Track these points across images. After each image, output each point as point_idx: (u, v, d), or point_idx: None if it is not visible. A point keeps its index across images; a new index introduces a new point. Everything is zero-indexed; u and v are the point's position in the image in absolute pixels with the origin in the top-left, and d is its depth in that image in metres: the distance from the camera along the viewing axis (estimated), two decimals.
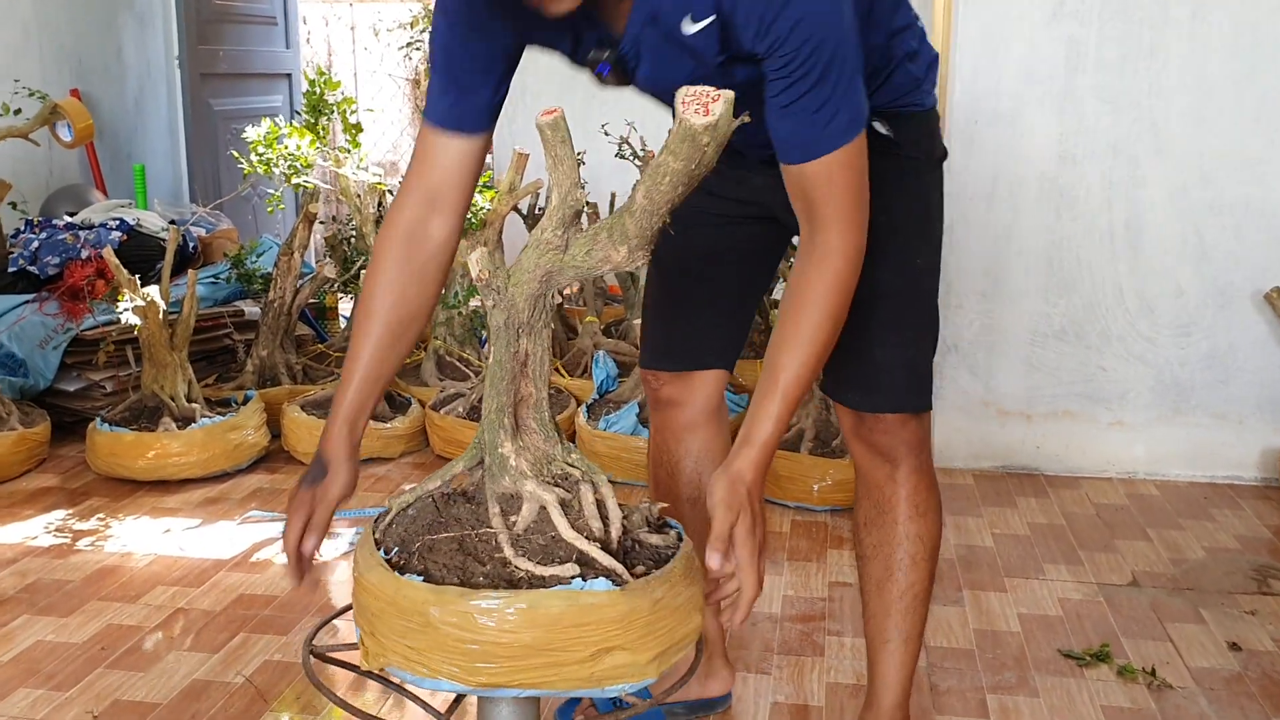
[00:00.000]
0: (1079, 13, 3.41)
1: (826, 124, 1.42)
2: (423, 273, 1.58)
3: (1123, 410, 3.62)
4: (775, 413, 1.45)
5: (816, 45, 1.38)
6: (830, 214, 1.46)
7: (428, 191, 1.56)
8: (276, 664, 2.44)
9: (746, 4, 1.38)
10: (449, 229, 1.58)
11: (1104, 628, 2.63)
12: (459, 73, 1.53)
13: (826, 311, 1.46)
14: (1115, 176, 3.49)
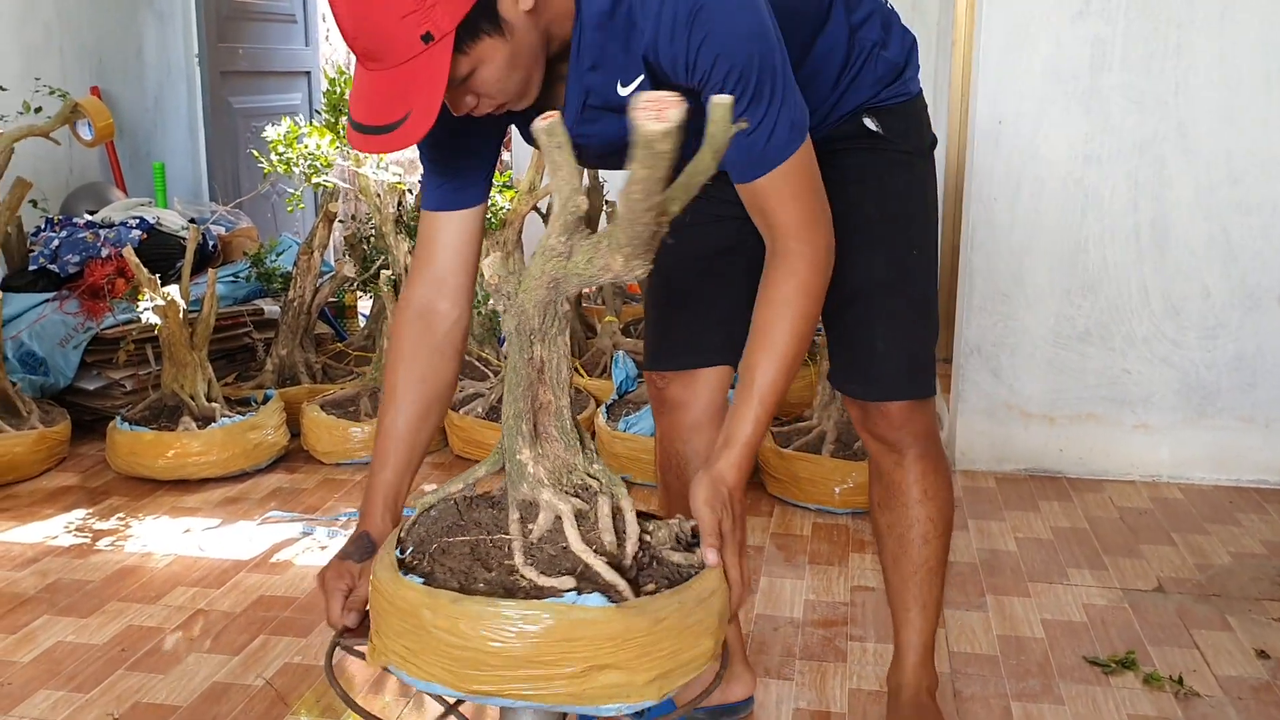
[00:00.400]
0: (1105, 11, 3.38)
1: (766, 141, 1.45)
2: (440, 350, 1.64)
3: (1147, 413, 3.58)
4: (754, 415, 1.48)
5: (741, 70, 1.40)
6: (787, 222, 1.50)
7: (434, 274, 1.63)
8: (296, 666, 2.43)
9: (666, 50, 1.41)
10: (459, 307, 1.64)
11: (1129, 634, 2.60)
12: (448, 163, 1.59)
13: (795, 316, 1.50)
14: (1141, 176, 3.46)
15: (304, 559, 3.00)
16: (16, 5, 4.65)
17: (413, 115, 1.33)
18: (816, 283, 1.51)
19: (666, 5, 1.40)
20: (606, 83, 1.48)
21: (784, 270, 1.50)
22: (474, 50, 1.36)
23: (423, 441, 1.66)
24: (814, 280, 1.51)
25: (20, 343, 3.87)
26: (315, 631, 2.59)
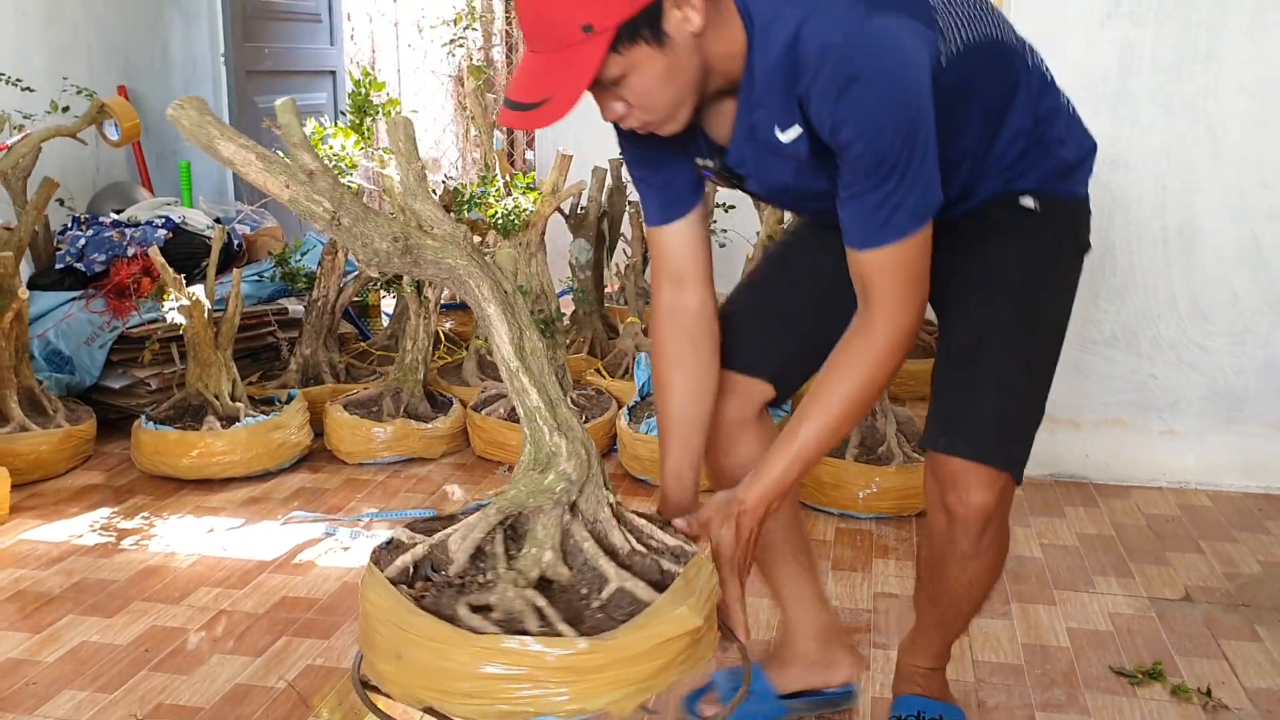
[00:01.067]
0: (1134, 14, 3.34)
1: (885, 220, 1.50)
2: (693, 337, 1.77)
3: (1174, 419, 3.55)
4: (788, 461, 1.58)
5: (879, 152, 1.46)
6: (882, 298, 1.56)
7: (671, 275, 1.76)
8: (319, 669, 2.44)
9: (816, 110, 1.47)
10: (700, 297, 1.77)
11: (1156, 644, 2.57)
12: (652, 180, 1.72)
13: (857, 385, 1.57)
14: (1169, 181, 3.42)
15: (326, 560, 3.00)
16: (43, 5, 4.68)
17: (554, 100, 1.38)
18: (889, 363, 1.57)
19: (825, 67, 1.44)
20: (767, 124, 1.54)
21: (863, 340, 1.57)
22: (629, 54, 1.40)
23: (695, 417, 1.77)
24: (887, 360, 1.57)
25: (47, 341, 3.89)
26: (337, 633, 2.59)
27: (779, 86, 1.50)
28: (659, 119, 1.50)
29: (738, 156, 1.60)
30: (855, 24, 1.44)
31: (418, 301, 3.79)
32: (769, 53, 1.48)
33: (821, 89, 1.45)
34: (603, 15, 1.36)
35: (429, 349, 3.88)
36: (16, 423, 3.50)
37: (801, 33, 1.46)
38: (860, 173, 1.48)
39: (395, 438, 3.72)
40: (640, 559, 1.42)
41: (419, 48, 7.79)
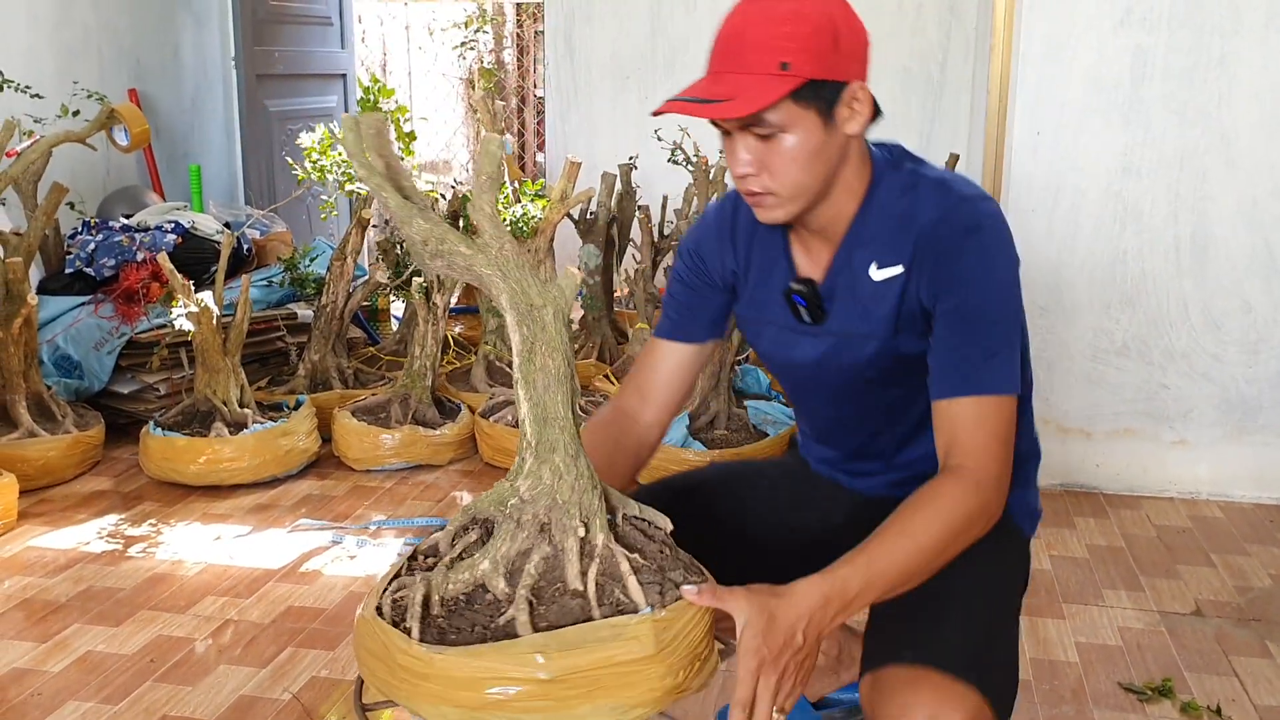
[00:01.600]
0: (1147, 21, 3.32)
1: (983, 363, 1.49)
2: (625, 449, 1.69)
3: (1186, 429, 3.53)
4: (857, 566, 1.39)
5: (987, 300, 1.49)
6: (974, 448, 1.48)
7: (640, 387, 1.74)
8: (323, 680, 2.43)
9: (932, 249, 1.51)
10: (653, 419, 1.72)
11: (1166, 660, 2.55)
12: (682, 300, 1.74)
13: (944, 523, 1.43)
14: (1182, 189, 3.40)
15: (333, 569, 3.00)
16: (54, 8, 4.69)
17: (736, 100, 1.42)
18: (975, 507, 1.45)
19: (951, 214, 1.51)
20: (865, 261, 1.57)
21: (950, 480, 1.46)
22: (801, 111, 1.45)
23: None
24: (974, 503, 1.44)
25: (56, 346, 3.90)
26: (343, 644, 2.59)
27: (892, 226, 1.55)
28: (780, 191, 1.51)
29: (830, 285, 1.60)
30: (977, 192, 1.55)
31: (426, 307, 3.78)
32: (889, 192, 1.56)
33: (947, 229, 1.51)
34: (801, 62, 1.43)
35: (437, 355, 3.88)
36: (25, 428, 3.51)
37: (924, 182, 1.55)
38: (964, 317, 1.50)
39: (403, 444, 3.72)
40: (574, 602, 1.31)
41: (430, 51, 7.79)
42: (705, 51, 1.54)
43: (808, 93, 1.45)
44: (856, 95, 1.49)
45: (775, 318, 1.68)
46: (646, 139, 4.21)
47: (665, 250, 4.41)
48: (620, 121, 4.95)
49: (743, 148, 1.49)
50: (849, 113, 1.49)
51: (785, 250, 1.66)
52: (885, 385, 1.63)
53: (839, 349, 1.62)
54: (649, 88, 5.04)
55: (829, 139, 1.49)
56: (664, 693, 1.27)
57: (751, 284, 1.70)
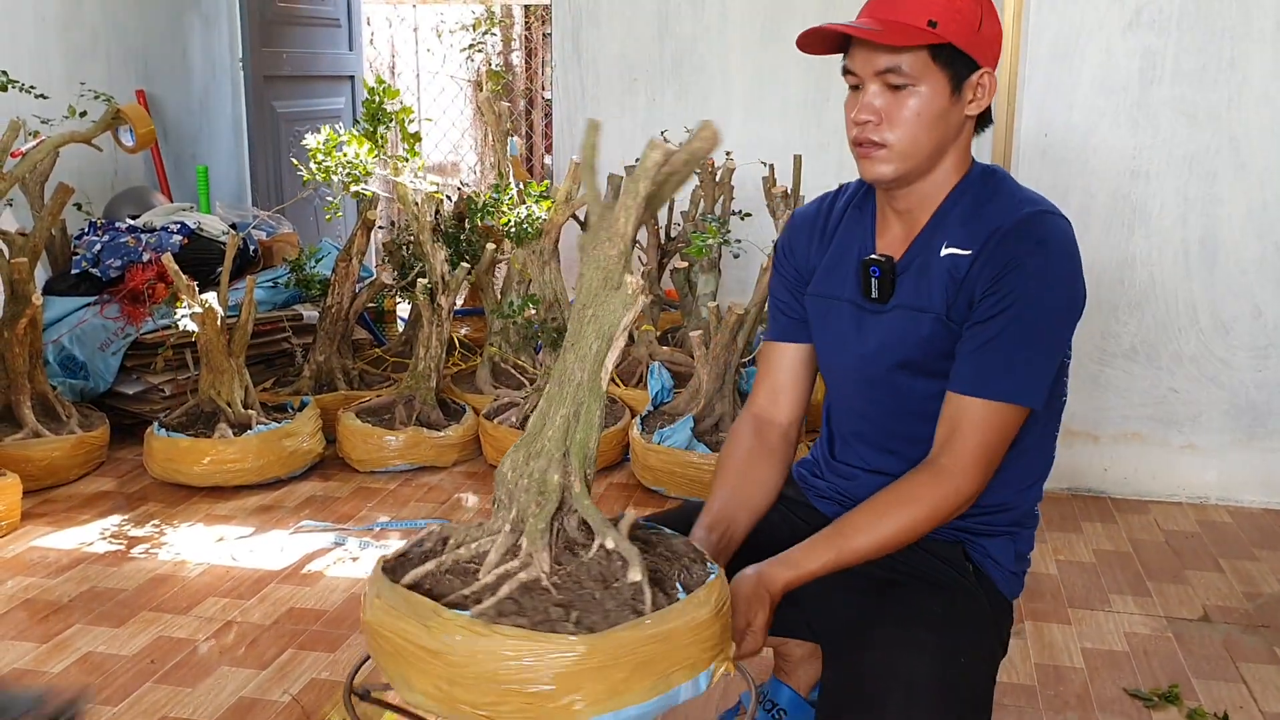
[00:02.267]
0: (1156, 22, 3.30)
1: (1002, 371, 1.52)
2: (771, 451, 1.78)
3: (1195, 433, 3.50)
4: (824, 559, 1.52)
5: (1031, 311, 1.51)
6: (962, 450, 1.54)
7: (771, 388, 1.81)
8: (323, 683, 2.42)
9: (1000, 248, 1.53)
10: (790, 415, 1.80)
11: (1173, 666, 2.53)
12: (790, 309, 1.80)
13: (911, 520, 1.53)
14: (1191, 192, 3.38)
15: (335, 570, 2.99)
16: (62, 8, 4.69)
17: (885, 32, 1.51)
18: (946, 510, 1.54)
19: (1026, 223, 1.54)
20: (940, 241, 1.61)
21: (930, 480, 1.54)
22: (934, 71, 1.53)
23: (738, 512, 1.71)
24: (945, 508, 1.54)
25: (61, 346, 3.90)
26: (343, 646, 2.58)
27: (973, 220, 1.59)
28: (895, 145, 1.56)
29: (905, 263, 1.64)
30: (1059, 211, 1.60)
31: (431, 309, 3.77)
32: (979, 192, 1.61)
33: (1018, 235, 1.54)
34: (948, 26, 1.51)
35: (442, 356, 3.87)
36: (30, 428, 3.50)
37: (1013, 190, 1.61)
38: (1003, 321, 1.52)
39: (407, 446, 3.71)
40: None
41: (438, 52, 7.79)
42: (713, 54, 1.57)
43: (946, 55, 1.53)
44: (984, 81, 1.57)
45: (843, 293, 1.70)
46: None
47: (672, 253, 4.39)
48: (628, 124, 4.94)
49: (871, 95, 1.55)
50: (973, 95, 1.57)
51: (870, 230, 1.70)
52: (929, 375, 1.62)
53: (899, 326, 1.63)
54: (656, 90, 5.02)
55: (951, 110, 1.56)
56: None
57: (828, 262, 1.73)
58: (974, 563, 1.68)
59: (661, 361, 3.99)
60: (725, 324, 3.49)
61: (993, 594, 1.67)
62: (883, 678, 1.44)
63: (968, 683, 1.49)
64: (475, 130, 7.78)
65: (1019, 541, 1.72)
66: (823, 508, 1.80)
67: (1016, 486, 1.68)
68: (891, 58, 1.52)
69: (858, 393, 1.73)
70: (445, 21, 7.64)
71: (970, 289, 1.56)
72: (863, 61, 1.55)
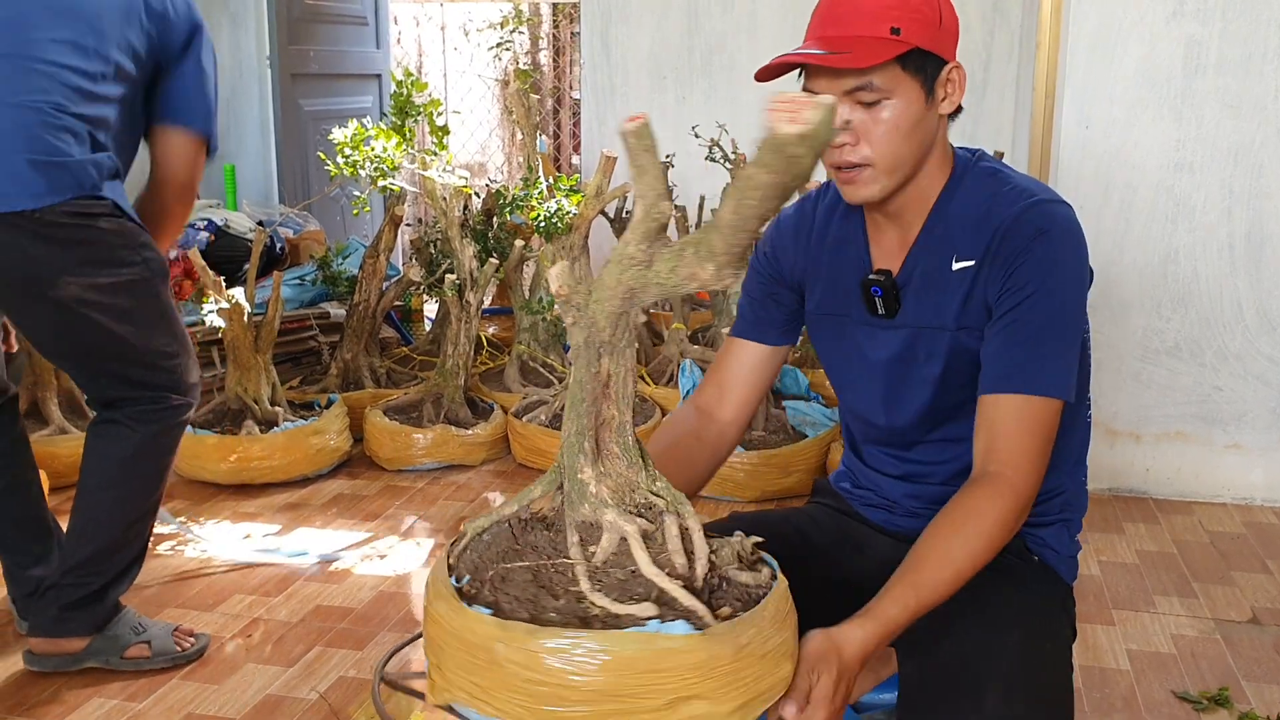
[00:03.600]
0: (1200, 11, 3.22)
1: (1037, 366, 1.46)
2: (705, 443, 1.69)
3: (1240, 432, 3.41)
4: (905, 604, 1.38)
5: (1048, 300, 1.46)
6: (1012, 452, 1.45)
7: (720, 384, 1.73)
8: (351, 680, 2.38)
9: (1006, 245, 1.49)
10: (732, 417, 1.71)
11: (1222, 668, 2.45)
12: (757, 301, 1.73)
13: (983, 539, 1.42)
14: (1236, 185, 3.29)
15: (363, 568, 2.95)
16: None
17: (853, 54, 1.44)
18: (1013, 519, 1.44)
19: (1027, 214, 1.49)
20: (946, 252, 1.55)
21: (989, 492, 1.44)
22: (905, 79, 1.47)
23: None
24: (1014, 521, 1.44)
25: None
26: (371, 644, 2.53)
27: (970, 220, 1.54)
28: (878, 162, 1.50)
29: (905, 277, 1.59)
30: (1054, 196, 1.54)
31: (459, 306, 3.73)
32: (970, 187, 1.56)
33: (1018, 229, 1.49)
34: (911, 30, 1.45)
35: (470, 354, 3.83)
36: (56, 425, 3.48)
37: (1004, 181, 1.56)
38: (1021, 315, 1.47)
39: (435, 444, 3.67)
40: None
41: (466, 51, 7.78)
42: (742, 50, 1.50)
43: (915, 61, 1.47)
44: (952, 76, 1.51)
45: (850, 312, 1.65)
46: (683, 138, 4.15)
47: None
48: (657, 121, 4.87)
49: (841, 114, 1.48)
50: (944, 92, 1.51)
51: (863, 243, 1.64)
52: (951, 388, 1.58)
53: (914, 343, 1.59)
54: (686, 87, 4.98)
55: (927, 114, 1.50)
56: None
57: (824, 280, 1.67)
58: (1034, 553, 1.63)
59: (692, 359, 3.94)
60: None
61: (1056, 581, 1.63)
62: (975, 671, 1.40)
63: (1053, 669, 1.47)
64: (502, 129, 7.75)
65: (1071, 526, 1.67)
66: (870, 515, 1.74)
67: (1064, 468, 1.63)
68: (859, 77, 1.46)
69: (878, 399, 1.66)
70: (473, 20, 7.62)
71: (979, 300, 1.52)
72: (827, 84, 1.48)
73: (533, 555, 1.35)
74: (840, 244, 1.66)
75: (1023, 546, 1.62)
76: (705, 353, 4.09)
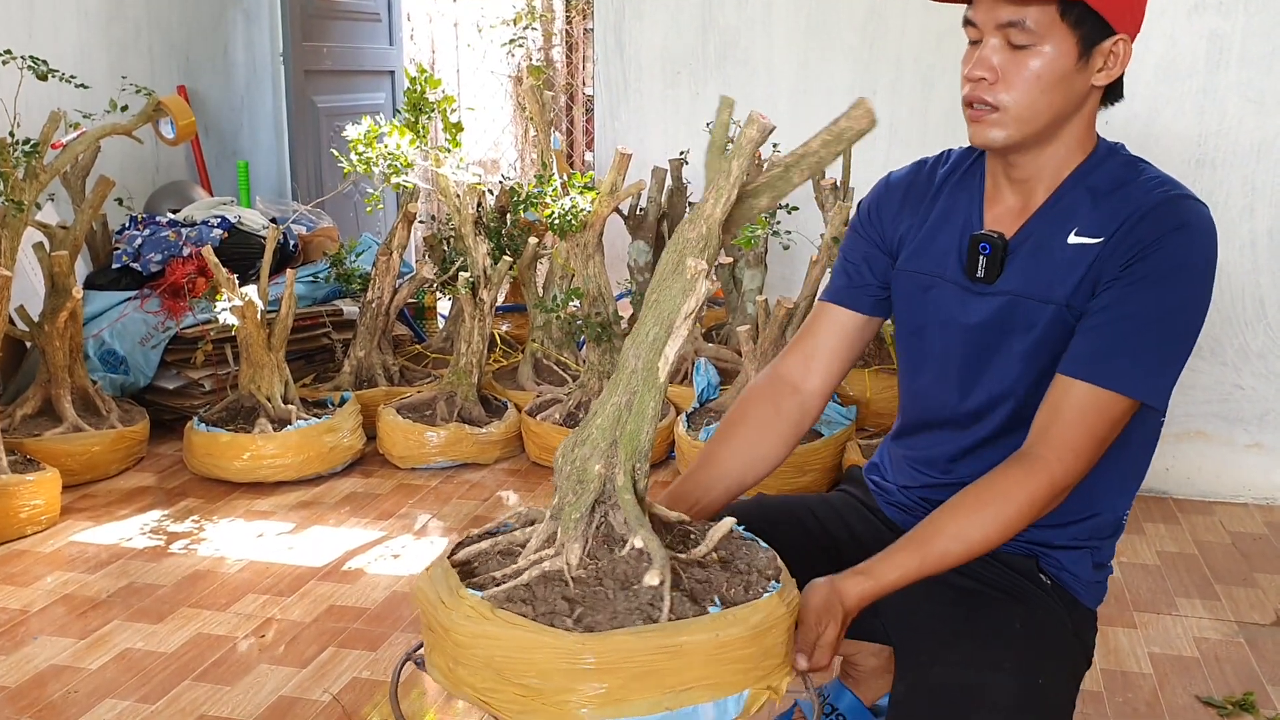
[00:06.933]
0: (1223, 5, 3.18)
1: (1124, 355, 1.39)
2: (784, 414, 1.63)
3: (1262, 432, 3.37)
4: (906, 567, 1.38)
5: (1161, 298, 1.39)
6: (1063, 437, 1.40)
7: (806, 352, 1.66)
8: (364, 681, 2.36)
9: (1135, 232, 1.42)
10: (816, 386, 1.65)
11: (1246, 672, 2.42)
12: (855, 270, 1.66)
13: (1010, 516, 1.39)
14: (1259, 181, 3.25)
15: (376, 568, 2.93)
16: (106, 4, 4.68)
17: None
18: (1040, 505, 1.40)
19: (1163, 206, 1.42)
20: (1064, 225, 1.48)
21: (1023, 473, 1.39)
22: (1062, 28, 1.39)
23: (738, 476, 1.61)
24: (1045, 504, 1.40)
25: (101, 341, 3.87)
26: (384, 645, 2.51)
27: (1103, 202, 1.47)
28: (1010, 107, 1.43)
29: (1018, 243, 1.51)
30: (1195, 196, 1.48)
31: (473, 304, 3.71)
32: (1107, 171, 1.49)
33: (1157, 218, 1.42)
34: None
35: (484, 352, 3.80)
36: (70, 423, 3.47)
37: (1146, 171, 1.49)
38: (1128, 303, 1.40)
39: (448, 442, 3.65)
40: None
41: (478, 48, 7.75)
42: (757, 45, 1.47)
43: (1077, 13, 1.39)
44: (1117, 49, 1.44)
45: (944, 271, 1.56)
46: (698, 134, 4.12)
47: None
48: (671, 117, 4.86)
49: (990, 50, 1.43)
50: (1103, 62, 1.43)
51: (978, 204, 1.56)
52: (1039, 371, 1.49)
53: (1010, 312, 1.50)
54: (700, 83, 4.94)
55: (1075, 76, 1.42)
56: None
57: (922, 237, 1.60)
58: (1049, 575, 1.55)
59: (707, 358, 3.91)
60: (774, 318, 3.40)
61: (1072, 606, 1.55)
62: (960, 696, 1.36)
63: (1047, 703, 1.39)
64: (515, 126, 7.73)
65: (1097, 554, 1.57)
66: (890, 514, 1.69)
67: (1110, 492, 1.54)
68: (1016, 10, 1.39)
69: (953, 373, 1.58)
70: (486, 16, 7.60)
71: (1097, 276, 1.44)
72: (985, 11, 1.42)
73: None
74: (951, 206, 1.59)
75: (1035, 567, 1.55)
76: (720, 350, 4.06)
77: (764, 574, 1.30)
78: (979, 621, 1.44)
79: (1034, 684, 1.38)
